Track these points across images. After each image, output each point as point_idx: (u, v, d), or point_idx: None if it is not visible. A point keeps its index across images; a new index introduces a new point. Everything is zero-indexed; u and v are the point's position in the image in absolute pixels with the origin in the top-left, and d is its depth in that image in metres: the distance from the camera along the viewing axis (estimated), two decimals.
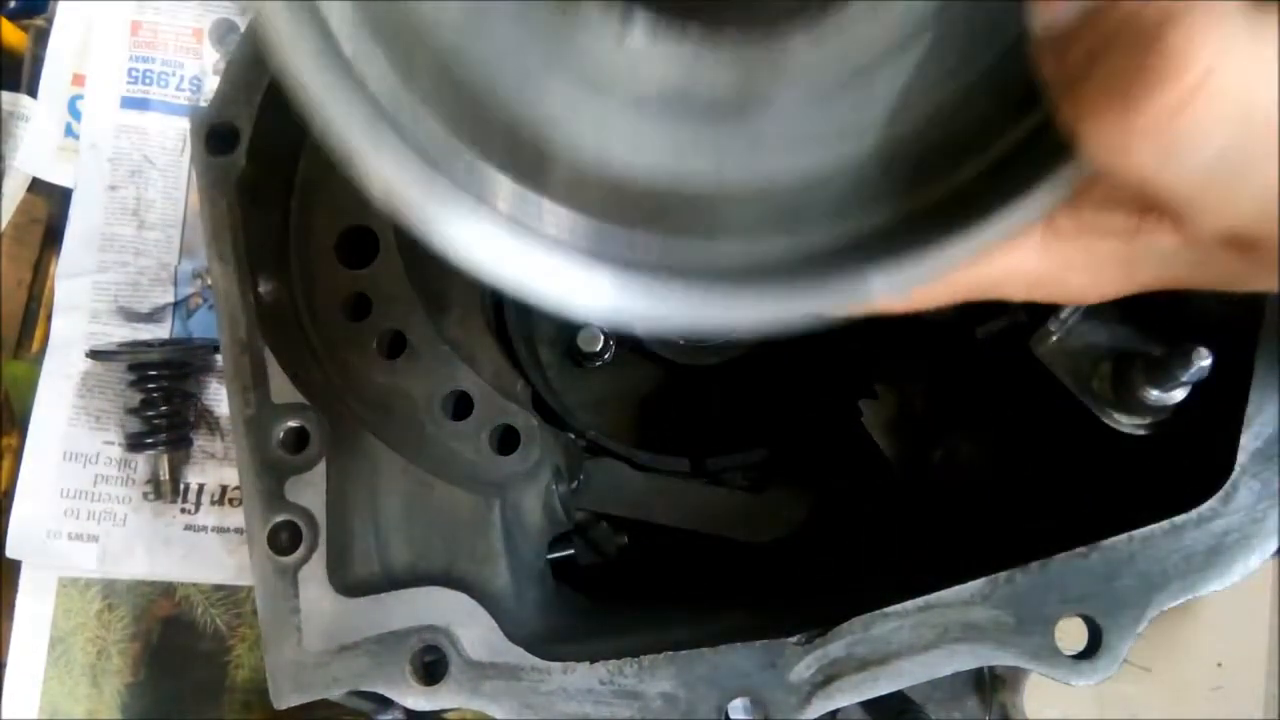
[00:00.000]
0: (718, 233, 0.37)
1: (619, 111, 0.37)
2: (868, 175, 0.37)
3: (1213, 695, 0.84)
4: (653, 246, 0.37)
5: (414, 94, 0.36)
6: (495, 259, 0.34)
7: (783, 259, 0.37)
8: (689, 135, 0.37)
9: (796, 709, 0.54)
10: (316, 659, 0.56)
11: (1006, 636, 0.53)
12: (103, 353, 0.94)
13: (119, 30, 0.99)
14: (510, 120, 0.37)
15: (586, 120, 0.37)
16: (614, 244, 0.37)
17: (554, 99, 0.36)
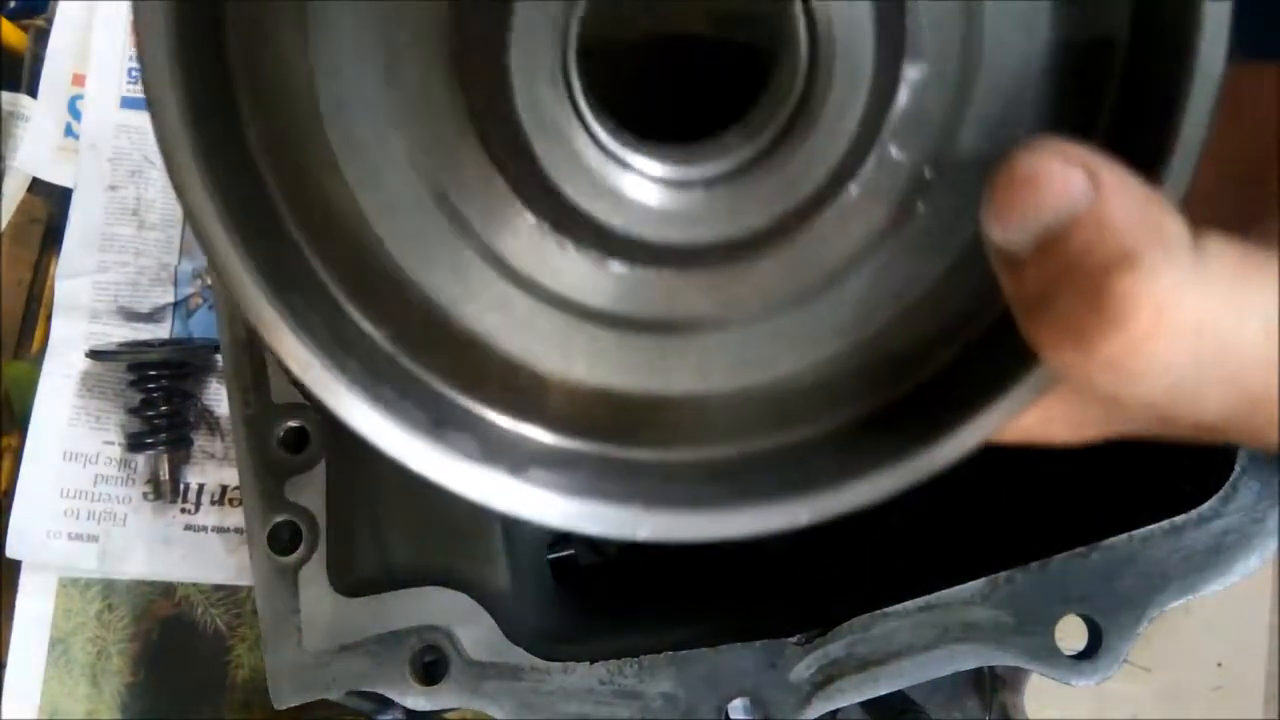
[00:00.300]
0: (703, 438, 0.40)
1: (602, 334, 0.39)
2: (846, 374, 0.39)
3: (1213, 695, 0.84)
4: (641, 459, 0.40)
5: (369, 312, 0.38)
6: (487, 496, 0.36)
7: (770, 458, 0.39)
8: (673, 351, 0.39)
9: (797, 709, 0.54)
10: (316, 659, 0.56)
11: (1007, 636, 0.53)
12: (103, 353, 0.94)
13: (119, 30, 0.99)
14: (505, 358, 0.39)
15: (576, 343, 0.39)
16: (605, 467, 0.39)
17: (541, 324, 0.39)
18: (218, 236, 0.33)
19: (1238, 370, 0.30)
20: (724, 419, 0.40)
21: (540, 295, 0.39)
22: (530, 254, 0.38)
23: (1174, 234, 0.29)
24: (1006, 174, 0.30)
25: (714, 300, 0.39)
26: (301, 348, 0.34)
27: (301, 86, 0.36)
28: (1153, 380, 0.30)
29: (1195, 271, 0.29)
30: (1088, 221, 0.29)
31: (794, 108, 0.34)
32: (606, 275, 0.38)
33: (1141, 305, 0.28)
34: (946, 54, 0.35)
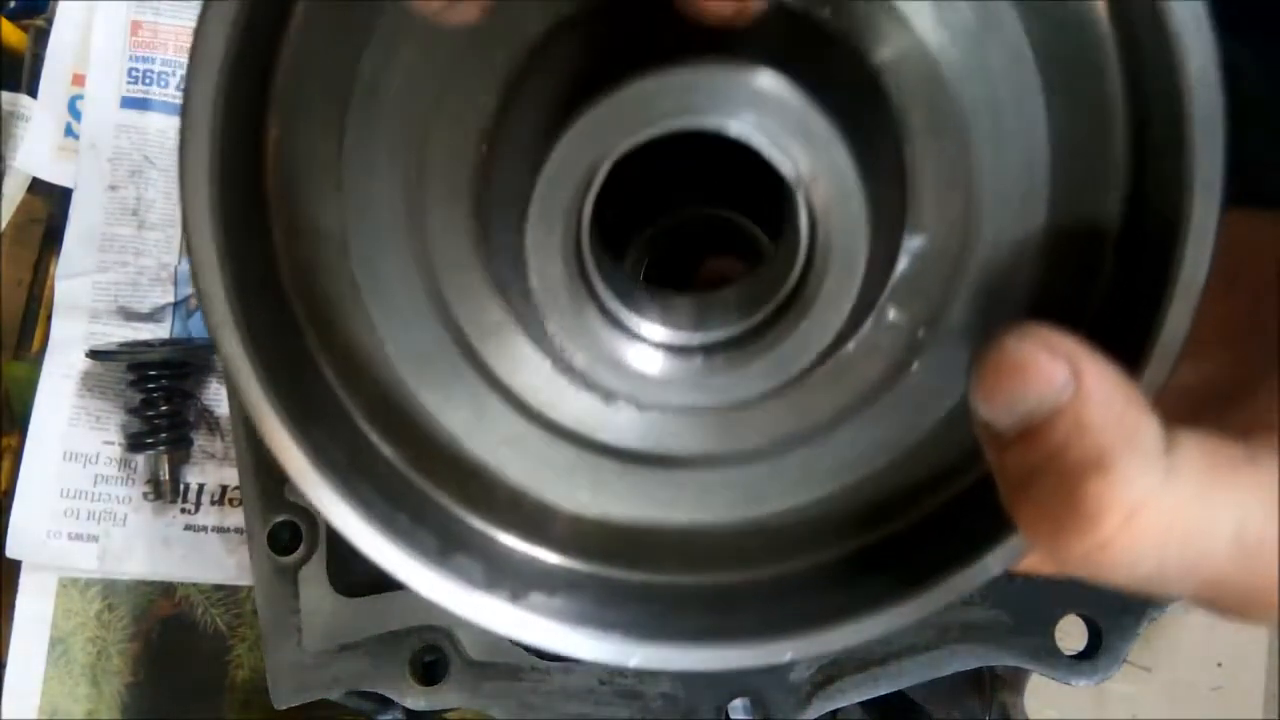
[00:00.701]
0: (700, 567, 0.42)
1: (607, 465, 0.41)
2: (838, 513, 0.41)
3: (1213, 695, 0.84)
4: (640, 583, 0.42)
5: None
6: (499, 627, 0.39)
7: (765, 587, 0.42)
8: (674, 484, 0.42)
9: (796, 709, 0.54)
10: (316, 659, 0.56)
11: (1006, 637, 0.53)
12: (103, 353, 0.94)
13: (119, 30, 0.99)
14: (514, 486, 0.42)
15: (581, 473, 0.42)
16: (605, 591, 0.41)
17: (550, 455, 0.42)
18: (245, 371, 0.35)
19: (1207, 571, 0.31)
20: (721, 550, 0.42)
21: (550, 428, 0.41)
22: (543, 391, 0.41)
23: (1148, 438, 0.30)
24: (995, 358, 0.32)
25: (714, 440, 0.41)
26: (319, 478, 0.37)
27: (334, 235, 0.39)
28: (1121, 574, 0.31)
29: (1167, 477, 0.30)
30: (1067, 417, 0.30)
31: (791, 289, 0.35)
32: (613, 414, 0.41)
33: (1112, 510, 0.30)
34: (946, 229, 0.37)
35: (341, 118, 0.37)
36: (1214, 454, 0.31)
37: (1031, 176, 0.36)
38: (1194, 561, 0.31)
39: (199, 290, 0.35)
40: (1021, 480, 0.32)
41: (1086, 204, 0.37)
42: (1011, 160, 0.36)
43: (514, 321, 0.39)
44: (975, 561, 0.36)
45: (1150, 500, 0.30)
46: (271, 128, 0.37)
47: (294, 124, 0.38)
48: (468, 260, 0.39)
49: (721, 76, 0.31)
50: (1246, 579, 0.31)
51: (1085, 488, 0.30)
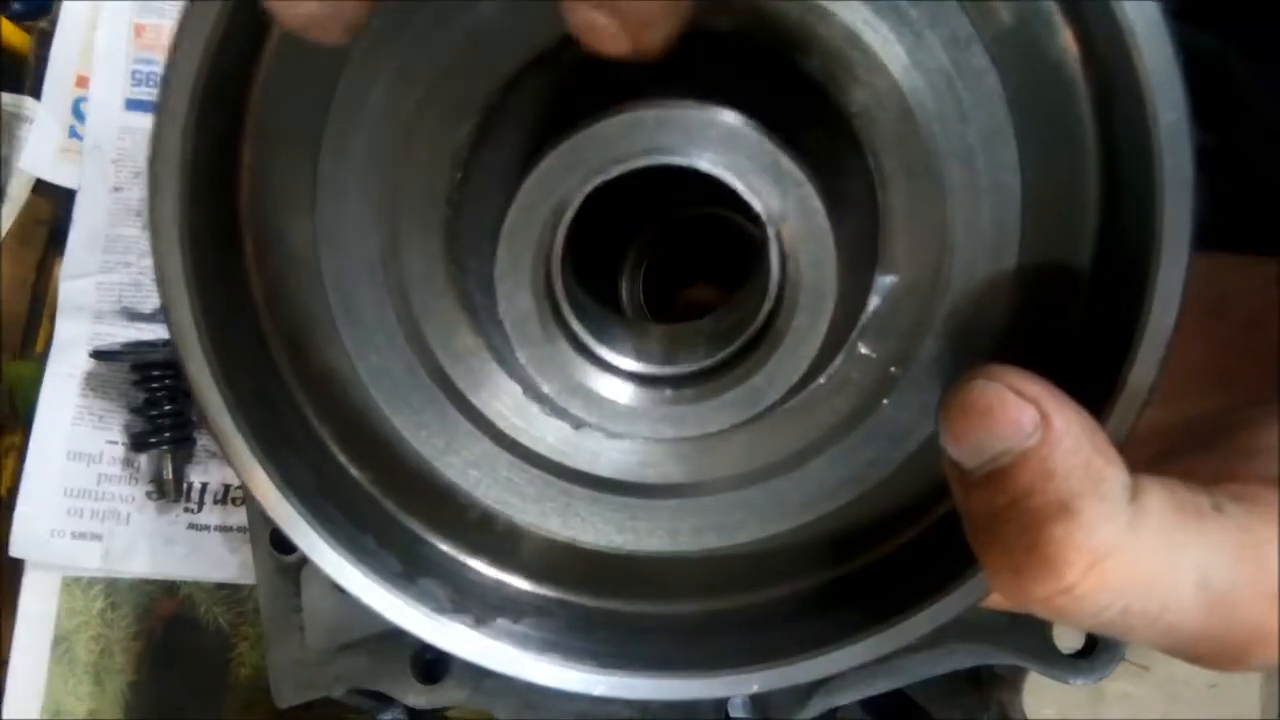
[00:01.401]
0: (670, 595, 0.42)
1: (577, 492, 0.42)
2: (807, 545, 0.42)
3: (1210, 693, 0.84)
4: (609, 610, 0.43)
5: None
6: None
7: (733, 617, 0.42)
8: (643, 512, 0.42)
9: (796, 707, 0.55)
10: (318, 658, 0.56)
11: (1004, 635, 0.54)
12: (106, 353, 0.94)
13: (122, 32, 1.00)
14: (483, 509, 0.42)
15: (551, 499, 0.42)
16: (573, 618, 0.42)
17: (519, 481, 0.42)
18: (211, 393, 0.36)
19: (1170, 619, 0.31)
20: (690, 579, 0.42)
21: (519, 454, 0.42)
22: (513, 417, 0.41)
23: (1114, 485, 0.30)
24: (963, 399, 0.32)
25: (685, 469, 0.41)
26: (282, 499, 0.37)
27: (307, 260, 0.39)
28: (1086, 620, 0.31)
29: (1131, 526, 0.30)
30: (1033, 462, 0.30)
31: (761, 324, 0.36)
32: (583, 439, 0.41)
33: (1075, 557, 0.30)
34: (918, 269, 0.37)
35: (316, 144, 0.38)
36: (1179, 503, 0.31)
37: (1003, 219, 0.37)
38: (1158, 610, 0.31)
39: (165, 308, 0.35)
40: (987, 521, 0.32)
41: (1058, 247, 0.37)
42: (984, 203, 0.37)
43: (486, 348, 0.40)
44: (942, 597, 0.37)
45: (1114, 548, 0.30)
46: (245, 154, 0.38)
47: (267, 150, 0.38)
48: (441, 286, 0.39)
49: (693, 115, 0.31)
50: (1213, 628, 0.31)
51: (1049, 533, 0.30)
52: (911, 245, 0.37)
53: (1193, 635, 0.31)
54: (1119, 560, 0.30)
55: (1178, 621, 0.31)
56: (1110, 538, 0.30)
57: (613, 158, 0.32)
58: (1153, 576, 0.30)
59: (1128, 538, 0.30)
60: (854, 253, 0.35)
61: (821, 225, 0.33)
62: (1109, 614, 0.31)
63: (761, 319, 0.36)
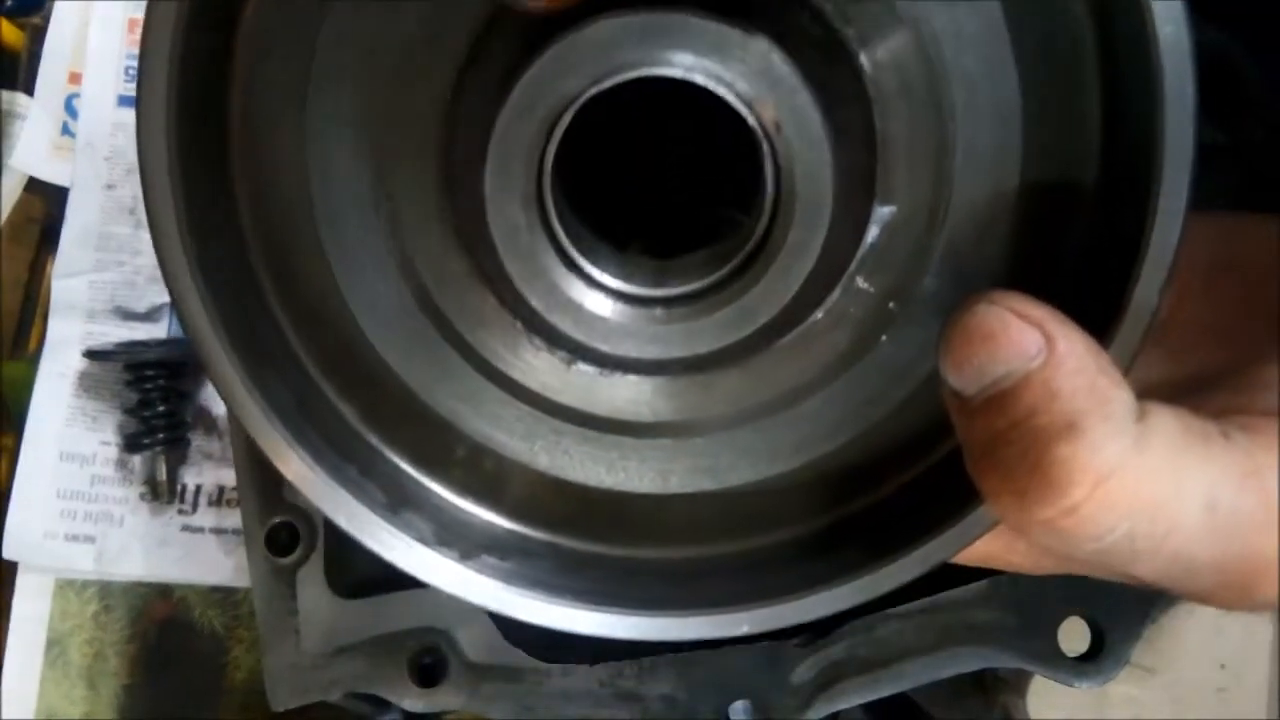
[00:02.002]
0: (659, 538, 0.41)
1: (566, 429, 0.41)
2: (802, 488, 0.41)
3: (1217, 697, 0.84)
4: (596, 554, 0.41)
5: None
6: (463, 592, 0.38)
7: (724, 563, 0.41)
8: (634, 452, 0.41)
9: (798, 711, 0.54)
10: (314, 661, 0.55)
11: (1009, 638, 0.53)
12: (99, 352, 0.93)
13: (115, 28, 0.99)
14: (470, 445, 0.41)
15: (540, 435, 0.41)
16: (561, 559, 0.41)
17: (508, 415, 0.41)
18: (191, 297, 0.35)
19: (1175, 543, 0.30)
20: (681, 522, 0.41)
21: (509, 388, 0.40)
22: (504, 351, 0.40)
23: (1119, 406, 0.30)
24: (964, 324, 0.31)
25: (677, 407, 0.40)
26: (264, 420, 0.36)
27: (298, 191, 0.38)
28: (1087, 544, 0.31)
29: (1137, 446, 0.30)
30: (1037, 383, 0.30)
31: (755, 243, 0.35)
32: (574, 374, 0.40)
33: (1080, 476, 0.29)
34: (917, 198, 0.37)
35: (306, 68, 0.37)
36: (1186, 426, 0.31)
37: (1004, 144, 0.36)
38: (1164, 532, 0.30)
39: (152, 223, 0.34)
40: (988, 447, 0.31)
41: (1059, 171, 0.36)
42: (985, 127, 0.36)
43: (478, 278, 0.39)
44: (940, 534, 0.35)
45: (1120, 466, 0.29)
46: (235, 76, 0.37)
47: (258, 72, 0.37)
48: (433, 214, 0.38)
49: (682, 20, 0.31)
50: (1220, 556, 0.31)
51: (1054, 453, 0.30)
52: (910, 174, 0.36)
53: (1199, 563, 0.31)
54: (1125, 479, 0.30)
55: (1184, 546, 0.31)
56: (1116, 456, 0.29)
57: (604, 66, 0.31)
58: (1159, 497, 0.30)
59: (1134, 457, 0.30)
60: (851, 183, 0.34)
61: (817, 133, 0.32)
62: (1114, 536, 0.30)
63: (755, 238, 0.35)
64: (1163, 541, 0.31)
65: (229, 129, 0.37)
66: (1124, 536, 0.30)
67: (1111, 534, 0.30)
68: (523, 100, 0.32)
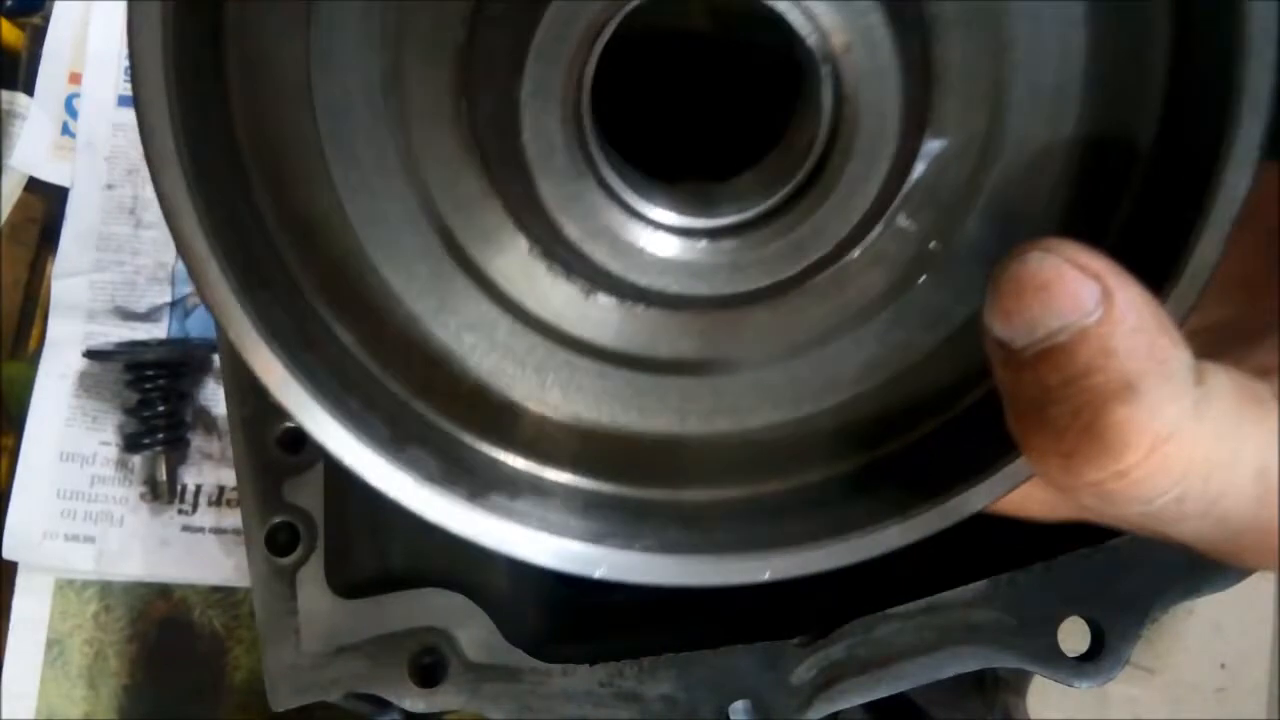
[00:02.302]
0: (675, 481, 0.39)
1: (581, 364, 0.38)
2: (825, 432, 0.38)
3: (1216, 697, 0.84)
4: (610, 495, 0.39)
5: None
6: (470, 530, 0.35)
7: (741, 508, 0.39)
8: (651, 389, 0.38)
9: (798, 711, 0.54)
10: (314, 661, 0.55)
11: (1009, 638, 0.53)
12: (99, 352, 0.93)
13: (116, 28, 0.99)
14: (478, 378, 0.38)
15: (552, 369, 0.38)
16: (572, 500, 0.38)
17: (519, 347, 0.38)
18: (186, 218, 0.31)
19: (1224, 507, 0.29)
20: (698, 464, 0.39)
21: (521, 318, 0.38)
22: (518, 277, 0.37)
23: (1179, 367, 0.29)
24: (1016, 272, 0.29)
25: (699, 344, 0.38)
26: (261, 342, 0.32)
27: (296, 80, 0.35)
28: (1135, 507, 0.30)
29: (1197, 409, 0.29)
30: (1094, 340, 0.28)
31: (809, 172, 0.33)
32: (593, 306, 0.37)
33: (1137, 439, 0.28)
34: (969, 133, 0.35)
35: None
36: (1241, 389, 0.29)
37: (1064, 81, 0.34)
38: (1214, 497, 0.29)
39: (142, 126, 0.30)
40: (1036, 403, 0.30)
41: (1118, 118, 0.34)
42: (1045, 62, 0.34)
43: (494, 195, 0.35)
44: (970, 487, 0.34)
45: (1179, 430, 0.28)
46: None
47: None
48: (447, 122, 0.35)
49: None
50: (1264, 519, 0.29)
51: (1110, 413, 0.28)
52: (964, 106, 0.34)
53: (1244, 526, 0.30)
54: (1182, 443, 0.28)
55: (1231, 511, 0.29)
56: (1175, 419, 0.28)
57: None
58: (1215, 463, 0.29)
59: (1193, 421, 0.28)
60: (905, 115, 0.32)
61: (887, 60, 0.30)
62: (1163, 500, 0.29)
63: (809, 167, 0.33)
64: (1211, 506, 0.29)
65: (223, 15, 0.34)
66: (1173, 500, 0.29)
67: (1162, 498, 0.29)
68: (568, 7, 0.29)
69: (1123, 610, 0.52)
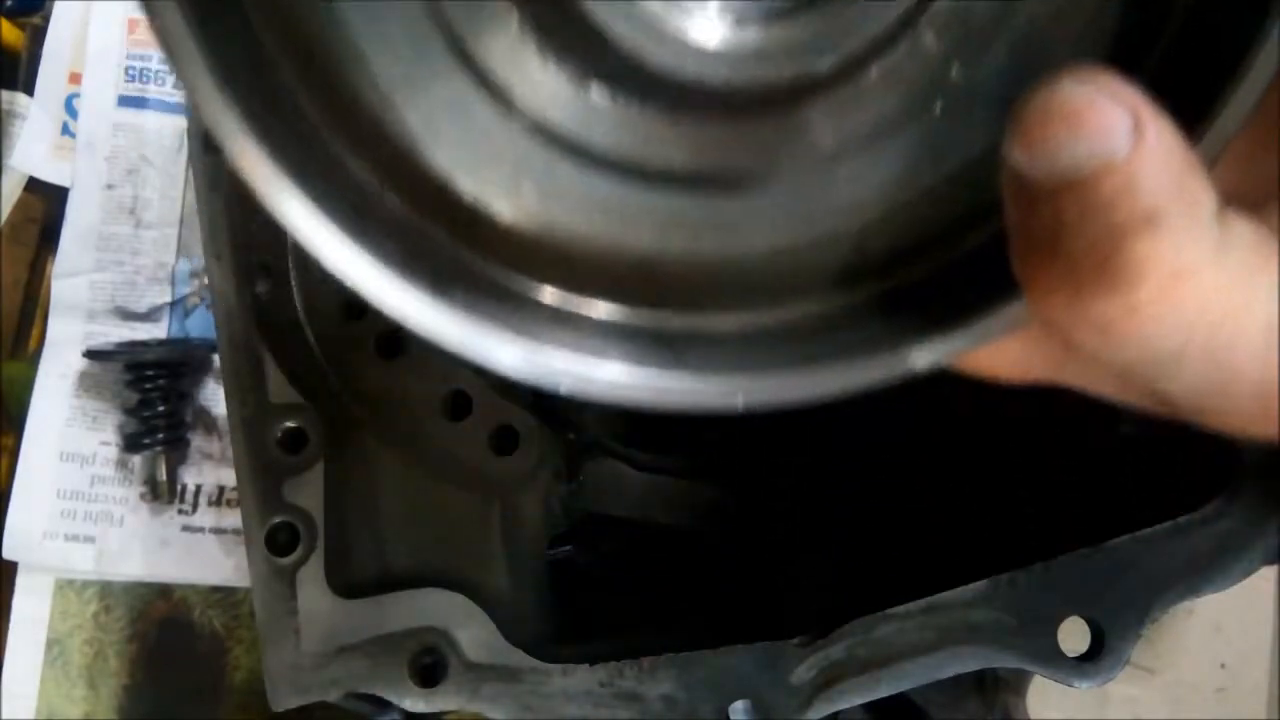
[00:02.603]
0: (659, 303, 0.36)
1: (567, 169, 0.35)
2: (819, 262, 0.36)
3: (1216, 697, 0.84)
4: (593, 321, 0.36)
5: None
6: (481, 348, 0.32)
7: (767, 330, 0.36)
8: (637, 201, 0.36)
9: (798, 711, 0.54)
10: (314, 661, 0.55)
11: (1009, 638, 0.53)
12: (99, 352, 0.93)
13: (115, 28, 0.99)
14: (443, 167, 0.35)
15: (531, 166, 0.35)
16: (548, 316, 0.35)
17: (497, 135, 0.35)
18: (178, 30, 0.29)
19: (1228, 353, 0.29)
20: (680, 284, 0.36)
21: (503, 106, 0.34)
22: (504, 57, 0.34)
23: (1204, 209, 0.28)
24: (1044, 99, 0.28)
25: (694, 155, 0.35)
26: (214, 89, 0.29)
27: None
28: (1137, 348, 0.29)
29: (1218, 252, 0.28)
30: (1120, 172, 0.27)
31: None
32: (584, 100, 0.34)
33: (1154, 272, 0.27)
34: None
35: None
36: (1262, 242, 0.29)
37: None
38: (1220, 347, 0.28)
39: None
40: (1048, 239, 0.29)
41: None
42: None
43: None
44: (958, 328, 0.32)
45: (1198, 269, 0.27)
46: None
47: None
48: None
49: None
50: (1268, 375, 0.29)
51: (1130, 246, 0.27)
52: None
53: (1242, 383, 0.29)
54: (1200, 283, 0.27)
55: (1235, 364, 0.29)
56: (1196, 258, 0.27)
57: None
58: (1227, 309, 0.28)
59: (1213, 263, 0.28)
60: None
61: None
62: (1167, 344, 0.28)
63: None
64: (1214, 355, 0.29)
65: None
66: (1177, 346, 0.28)
67: (1168, 340, 0.28)
68: None
69: (1123, 610, 0.52)
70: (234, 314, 0.59)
